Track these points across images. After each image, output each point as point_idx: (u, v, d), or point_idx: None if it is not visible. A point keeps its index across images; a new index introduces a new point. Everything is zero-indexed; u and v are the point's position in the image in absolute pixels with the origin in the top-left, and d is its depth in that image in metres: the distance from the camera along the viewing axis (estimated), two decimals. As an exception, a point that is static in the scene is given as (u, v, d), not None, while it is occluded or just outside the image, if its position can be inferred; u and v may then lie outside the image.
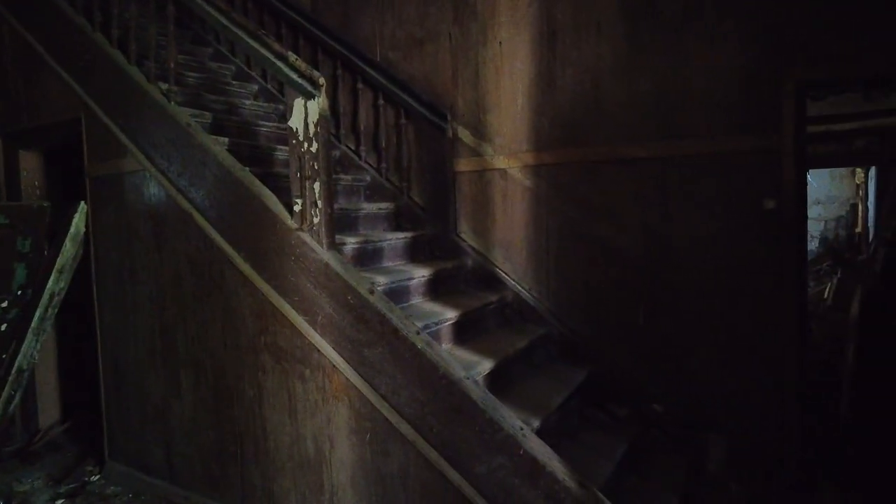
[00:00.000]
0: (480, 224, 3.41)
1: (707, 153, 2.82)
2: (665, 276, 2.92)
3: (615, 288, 3.04)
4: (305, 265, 2.33)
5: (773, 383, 2.70)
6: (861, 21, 2.49)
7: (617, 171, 3.02)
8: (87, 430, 3.78)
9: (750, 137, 2.72)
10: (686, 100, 2.85)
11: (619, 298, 3.04)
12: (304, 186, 2.34)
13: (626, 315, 3.02)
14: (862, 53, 2.50)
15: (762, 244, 2.71)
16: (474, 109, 3.40)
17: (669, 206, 2.90)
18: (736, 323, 2.78)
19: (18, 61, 3.58)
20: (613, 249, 3.04)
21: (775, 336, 2.69)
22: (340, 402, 2.27)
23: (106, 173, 3.12)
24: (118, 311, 3.12)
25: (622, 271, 3.02)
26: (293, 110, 2.35)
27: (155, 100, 2.82)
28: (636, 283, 2.99)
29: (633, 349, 3.01)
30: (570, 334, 3.14)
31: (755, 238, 2.72)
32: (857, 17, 2.50)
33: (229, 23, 2.56)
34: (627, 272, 3.01)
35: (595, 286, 3.09)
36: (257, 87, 4.16)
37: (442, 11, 3.48)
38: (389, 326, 2.14)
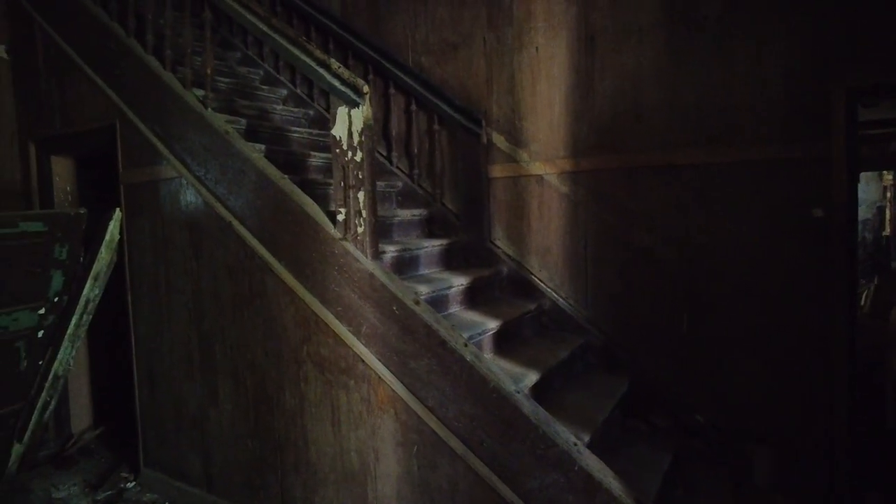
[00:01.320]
0: (515, 231, 3.38)
1: (750, 160, 2.76)
2: (706, 285, 2.87)
3: (655, 297, 3.00)
4: (349, 275, 2.31)
5: (820, 394, 2.65)
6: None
7: (657, 179, 2.97)
8: (120, 437, 3.79)
9: (796, 145, 2.66)
10: (728, 106, 2.80)
11: (660, 307, 2.99)
12: (347, 196, 2.32)
13: (667, 324, 2.97)
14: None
15: (809, 253, 2.65)
16: (510, 115, 3.36)
17: (711, 214, 2.85)
18: (780, 332, 2.72)
19: (52, 68, 3.59)
20: (653, 257, 2.99)
21: (822, 346, 2.63)
22: (386, 414, 2.24)
23: (141, 180, 3.11)
24: (153, 319, 3.12)
25: (662, 280, 2.97)
26: (336, 119, 2.32)
27: (191, 106, 2.81)
28: (676, 291, 2.94)
29: (673, 359, 2.97)
30: (609, 344, 3.10)
31: (801, 247, 2.67)
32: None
33: (269, 29, 2.55)
34: (667, 281, 2.96)
35: (634, 295, 3.05)
36: (286, 92, 4.15)
37: (476, 16, 3.44)
38: (436, 338, 2.11)
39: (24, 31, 3.76)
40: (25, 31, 3.74)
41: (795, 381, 2.70)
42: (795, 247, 2.68)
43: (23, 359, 3.18)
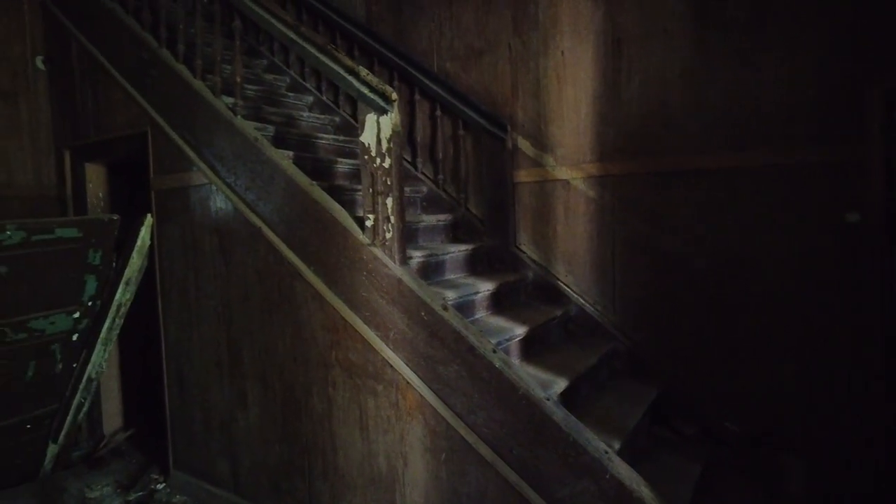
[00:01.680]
0: (541, 236, 3.36)
1: (781, 164, 2.71)
2: (735, 291, 2.83)
3: (683, 302, 2.96)
4: (377, 280, 2.32)
5: (856, 401, 2.58)
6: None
7: (685, 183, 2.93)
8: (150, 438, 3.85)
9: (829, 148, 2.61)
10: (759, 109, 2.75)
11: (688, 313, 2.95)
12: (376, 202, 2.33)
13: (696, 330, 2.93)
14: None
15: (843, 258, 2.59)
16: (535, 120, 3.35)
17: (740, 218, 2.81)
18: (813, 339, 2.66)
19: (87, 78, 3.68)
20: (681, 262, 2.96)
21: (858, 353, 2.57)
22: (414, 420, 2.25)
23: (171, 186, 3.17)
24: (183, 323, 3.17)
25: (690, 285, 2.94)
26: (365, 126, 2.34)
27: (221, 114, 2.86)
28: (705, 297, 2.90)
29: (702, 366, 2.92)
30: (637, 350, 3.07)
31: (835, 252, 2.61)
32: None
33: (298, 37, 2.58)
34: (696, 286, 2.92)
35: (662, 300, 3.01)
36: (312, 99, 4.19)
37: (501, 22, 3.45)
38: (465, 344, 2.11)
39: (60, 42, 3.87)
40: (62, 43, 3.85)
41: (829, 388, 2.64)
42: (828, 252, 2.62)
43: (58, 361, 3.26)
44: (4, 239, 2.70)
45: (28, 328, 3.02)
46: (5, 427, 3.15)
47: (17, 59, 3.85)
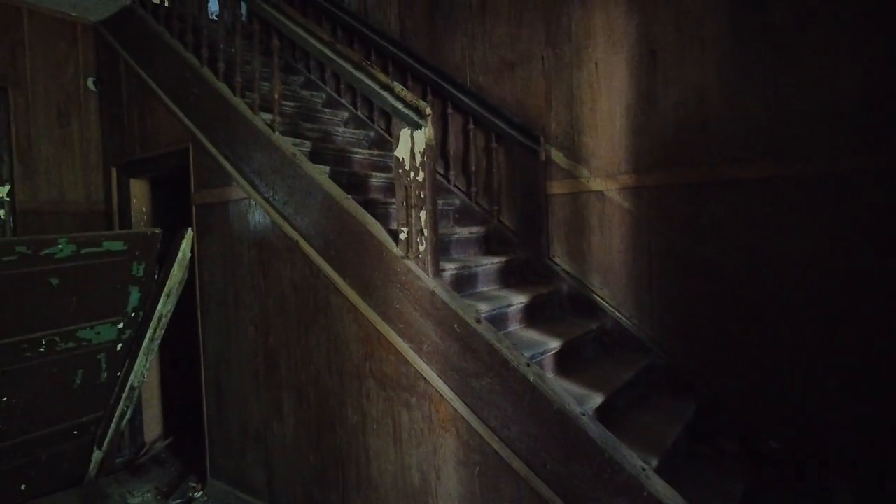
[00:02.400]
0: (575, 248, 3.33)
1: (823, 173, 2.63)
2: (777, 304, 2.74)
3: (722, 316, 2.88)
4: (411, 293, 2.33)
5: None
6: None
7: (724, 194, 2.87)
8: (188, 447, 3.94)
9: (873, 156, 2.52)
10: (800, 117, 2.68)
11: (728, 326, 2.87)
12: (409, 215, 2.35)
13: (735, 344, 2.85)
14: None
15: (891, 269, 2.49)
16: (569, 131, 3.34)
17: (781, 229, 2.73)
18: (860, 354, 2.55)
19: (134, 97, 3.84)
20: (720, 275, 2.88)
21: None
22: (447, 433, 2.24)
23: (211, 201, 3.27)
24: (221, 333, 3.24)
25: (730, 298, 2.86)
26: (399, 140, 2.36)
27: (260, 130, 2.93)
28: (745, 310, 2.82)
29: (743, 381, 2.83)
30: (674, 364, 3.00)
31: (882, 263, 2.51)
32: None
33: (334, 55, 2.63)
34: (735, 299, 2.84)
35: (701, 313, 2.94)
36: (347, 114, 4.27)
37: (534, 34, 3.46)
38: (498, 357, 2.10)
39: (110, 64, 4.05)
40: (111, 65, 4.03)
41: (877, 405, 2.52)
42: (875, 263, 2.52)
43: (103, 370, 3.37)
44: (56, 252, 2.82)
45: (76, 338, 3.13)
46: (55, 433, 3.27)
47: (70, 81, 4.05)
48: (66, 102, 4.04)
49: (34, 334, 2.94)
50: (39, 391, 3.10)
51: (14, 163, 3.75)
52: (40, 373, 3.05)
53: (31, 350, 2.95)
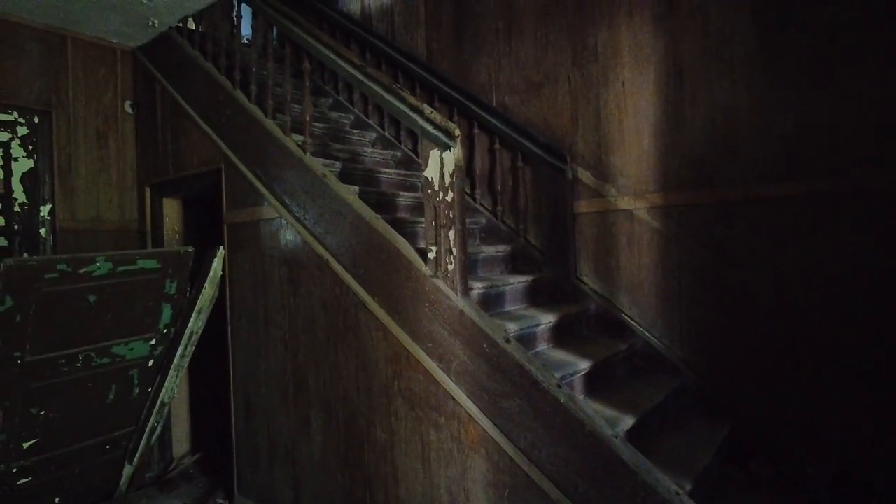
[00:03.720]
0: (603, 267, 3.31)
1: (858, 190, 2.58)
2: (811, 324, 2.68)
3: (754, 336, 2.83)
4: (439, 311, 2.34)
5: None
6: None
7: (754, 212, 2.83)
8: (216, 463, 3.97)
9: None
10: (832, 135, 2.64)
11: (760, 348, 2.81)
12: (438, 234, 2.37)
13: (768, 365, 2.79)
14: None
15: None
16: (596, 150, 3.34)
17: (813, 248, 2.68)
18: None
19: (168, 119, 3.96)
20: (752, 295, 2.84)
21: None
22: (477, 454, 2.23)
23: (243, 220, 3.33)
24: (251, 351, 3.29)
25: (762, 318, 2.81)
26: (429, 161, 2.39)
27: (291, 151, 3.00)
28: (778, 331, 2.76)
29: (777, 403, 2.77)
30: (706, 386, 2.94)
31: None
32: None
33: (365, 78, 2.69)
34: (768, 319, 2.79)
35: (732, 334, 2.89)
36: (375, 135, 4.34)
37: (560, 55, 3.49)
38: (528, 378, 2.09)
39: (146, 87, 4.19)
40: (147, 88, 4.17)
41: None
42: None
43: (135, 386, 3.43)
44: (94, 270, 2.90)
45: (111, 353, 3.20)
46: (88, 447, 3.33)
47: (108, 105, 4.19)
48: (104, 125, 4.18)
49: (71, 350, 3.01)
50: (75, 405, 3.16)
51: (55, 183, 3.88)
52: (76, 387, 3.12)
53: (68, 365, 3.02)
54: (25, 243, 3.76)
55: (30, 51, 3.80)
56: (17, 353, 2.77)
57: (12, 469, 3.05)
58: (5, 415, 2.90)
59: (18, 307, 2.67)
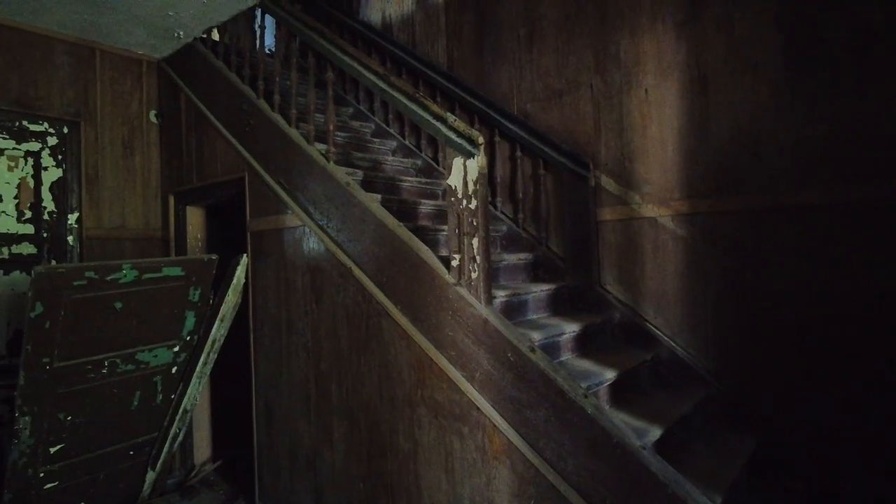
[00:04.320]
0: (627, 275, 3.27)
1: (892, 198, 2.52)
2: (843, 335, 2.61)
3: (783, 346, 2.76)
4: (463, 320, 2.33)
5: None
6: None
7: (782, 220, 2.78)
8: (237, 470, 3.99)
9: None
10: (865, 139, 2.58)
11: (789, 358, 2.75)
12: (462, 242, 2.36)
13: (798, 376, 2.72)
14: None
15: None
16: (619, 158, 3.32)
17: (845, 257, 2.62)
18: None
19: (192, 129, 4.01)
20: (780, 304, 2.78)
21: None
22: (501, 464, 2.20)
23: (266, 228, 3.36)
24: (273, 358, 3.30)
25: (792, 329, 2.74)
26: (452, 169, 2.40)
27: (315, 160, 3.02)
28: (808, 341, 2.70)
29: (806, 414, 2.70)
30: (733, 396, 2.88)
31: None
32: None
33: (388, 87, 2.71)
34: (798, 330, 2.73)
35: (760, 344, 2.83)
36: (395, 144, 4.35)
37: (582, 62, 3.47)
38: (554, 388, 2.06)
39: (170, 98, 4.26)
40: (172, 98, 4.24)
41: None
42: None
43: (159, 392, 3.46)
44: (121, 277, 2.94)
45: (135, 360, 3.23)
46: (113, 452, 3.36)
47: (134, 115, 4.27)
48: (129, 135, 4.26)
49: (98, 356, 3.05)
50: (100, 411, 3.20)
51: (82, 192, 3.95)
52: (102, 393, 3.16)
53: (94, 371, 3.05)
54: (54, 251, 3.83)
55: (61, 63, 3.89)
56: (45, 359, 2.82)
57: (39, 474, 3.09)
58: (34, 420, 2.94)
59: (48, 314, 2.72)
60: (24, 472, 3.04)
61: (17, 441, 2.94)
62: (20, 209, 3.72)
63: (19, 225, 3.71)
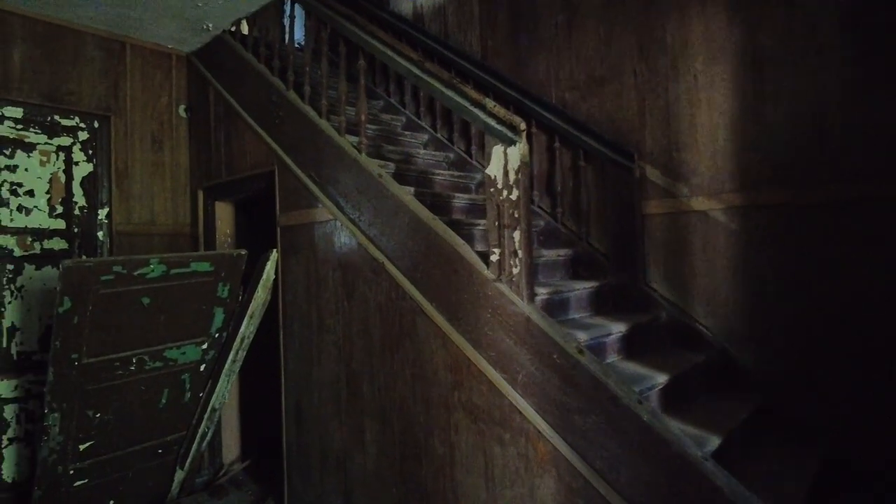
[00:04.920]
0: (675, 273, 3.08)
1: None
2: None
3: (848, 352, 2.55)
4: (503, 318, 2.18)
5: None
6: None
7: (847, 214, 2.57)
8: (266, 471, 3.91)
9: None
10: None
11: (855, 365, 2.53)
12: (501, 235, 2.22)
13: (864, 384, 2.51)
14: None
15: None
16: (665, 147, 3.13)
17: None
18: None
19: (221, 123, 3.95)
20: (844, 305, 2.56)
21: None
22: (546, 473, 2.05)
23: (296, 223, 3.26)
24: (303, 356, 3.20)
25: (856, 331, 2.53)
26: (492, 157, 2.25)
27: (346, 151, 2.90)
28: (876, 346, 2.48)
29: (880, 429, 2.48)
30: (793, 406, 2.68)
31: None
32: None
33: (423, 73, 2.58)
34: (863, 333, 2.51)
35: (824, 351, 2.62)
36: (427, 137, 4.23)
37: (625, 47, 3.29)
38: (605, 393, 1.90)
39: (199, 92, 4.21)
40: (201, 92, 4.18)
41: None
42: None
43: (187, 390, 3.40)
44: (148, 272, 2.87)
45: (163, 357, 3.17)
46: (142, 450, 3.31)
47: (163, 110, 4.23)
48: (159, 129, 4.22)
49: (125, 353, 2.99)
50: (129, 409, 3.14)
51: (112, 187, 3.92)
52: (130, 390, 3.10)
53: (122, 368, 3.00)
54: (84, 246, 3.81)
55: (92, 58, 3.86)
56: (74, 354, 2.76)
57: (69, 471, 3.05)
58: (63, 417, 2.89)
59: (76, 309, 2.66)
60: (55, 469, 3.00)
61: (47, 438, 2.90)
62: (52, 204, 3.69)
63: (51, 220, 3.69)
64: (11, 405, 3.42)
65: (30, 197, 3.59)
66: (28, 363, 3.50)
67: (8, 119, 3.51)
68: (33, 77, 3.59)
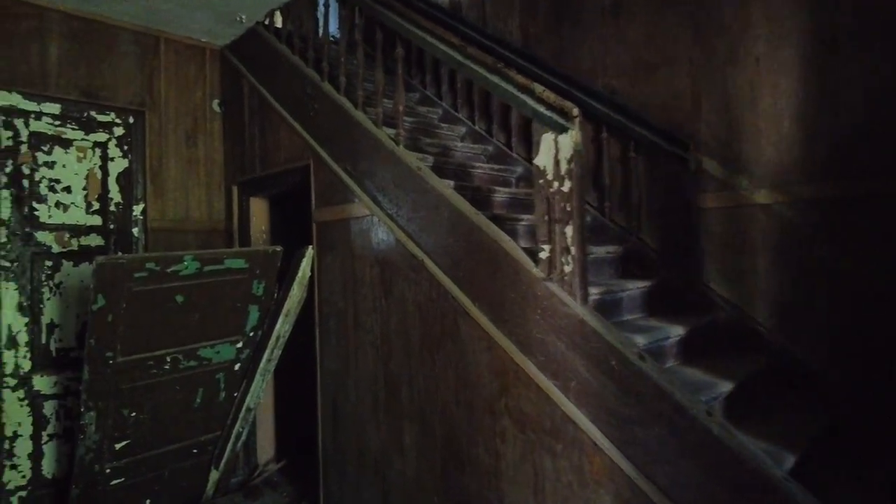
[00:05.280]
0: (734, 271, 2.87)
1: None
2: None
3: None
4: (554, 320, 2.02)
5: None
6: None
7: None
8: (301, 472, 3.84)
9: None
10: None
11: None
12: (552, 231, 2.06)
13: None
14: None
15: None
16: (724, 137, 2.91)
17: None
18: None
19: (255, 117, 3.87)
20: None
21: None
22: (603, 489, 1.89)
23: (332, 218, 3.16)
24: (339, 356, 3.10)
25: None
26: (541, 146, 2.09)
27: (384, 144, 2.78)
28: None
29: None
30: (867, 414, 2.45)
31: None
32: None
33: (465, 59, 2.44)
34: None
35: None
36: (465, 129, 4.08)
37: (678, 30, 3.08)
38: (669, 403, 1.73)
39: (233, 86, 4.15)
40: (235, 86, 4.12)
41: None
42: None
43: (222, 390, 3.33)
44: (182, 269, 2.80)
45: (198, 356, 3.11)
46: (177, 450, 3.26)
47: (198, 104, 4.18)
48: (193, 124, 4.17)
49: (160, 351, 2.93)
50: (163, 408, 3.09)
51: (147, 183, 3.89)
52: (164, 390, 3.05)
53: (156, 367, 2.94)
54: (120, 242, 3.78)
55: (126, 53, 3.83)
56: (108, 353, 2.71)
57: (106, 469, 3.02)
58: (98, 415, 2.85)
59: (110, 306, 2.61)
60: (91, 468, 2.97)
61: (84, 436, 2.86)
62: (88, 200, 3.67)
63: (87, 216, 3.67)
64: (51, 401, 3.41)
65: (67, 193, 3.57)
66: (67, 360, 3.49)
67: (46, 115, 3.50)
68: (70, 73, 3.57)
